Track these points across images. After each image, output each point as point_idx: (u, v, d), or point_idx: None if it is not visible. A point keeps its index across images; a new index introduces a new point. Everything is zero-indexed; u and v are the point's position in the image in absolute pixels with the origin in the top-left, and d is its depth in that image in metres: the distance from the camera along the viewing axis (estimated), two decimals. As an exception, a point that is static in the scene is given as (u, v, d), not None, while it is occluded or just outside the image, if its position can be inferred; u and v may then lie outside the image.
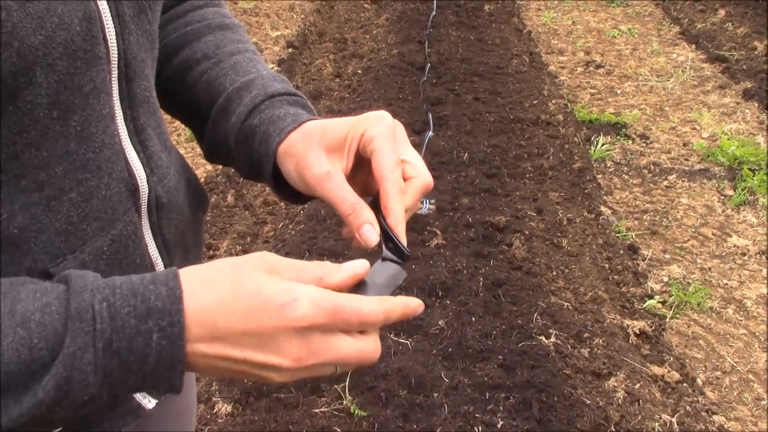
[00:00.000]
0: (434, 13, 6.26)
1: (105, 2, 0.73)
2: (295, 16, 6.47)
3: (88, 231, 0.75)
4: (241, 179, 3.81)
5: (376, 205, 0.80)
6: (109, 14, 0.73)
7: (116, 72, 0.76)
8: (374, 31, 6.02)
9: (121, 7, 0.75)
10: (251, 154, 0.89)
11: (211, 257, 3.33)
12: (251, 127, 0.89)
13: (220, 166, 4.01)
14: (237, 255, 3.40)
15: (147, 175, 0.82)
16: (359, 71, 5.18)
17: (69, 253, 0.74)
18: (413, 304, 0.72)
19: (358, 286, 0.72)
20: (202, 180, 3.92)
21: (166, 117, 1.02)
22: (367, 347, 0.68)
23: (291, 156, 0.84)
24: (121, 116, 0.78)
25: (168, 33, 1.00)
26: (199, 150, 4.22)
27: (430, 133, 4.16)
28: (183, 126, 4.87)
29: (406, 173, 0.81)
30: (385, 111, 0.83)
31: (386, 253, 0.77)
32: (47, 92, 0.68)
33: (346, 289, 0.70)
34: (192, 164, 4.11)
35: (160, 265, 0.87)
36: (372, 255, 0.77)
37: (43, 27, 0.65)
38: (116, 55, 0.75)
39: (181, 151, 4.16)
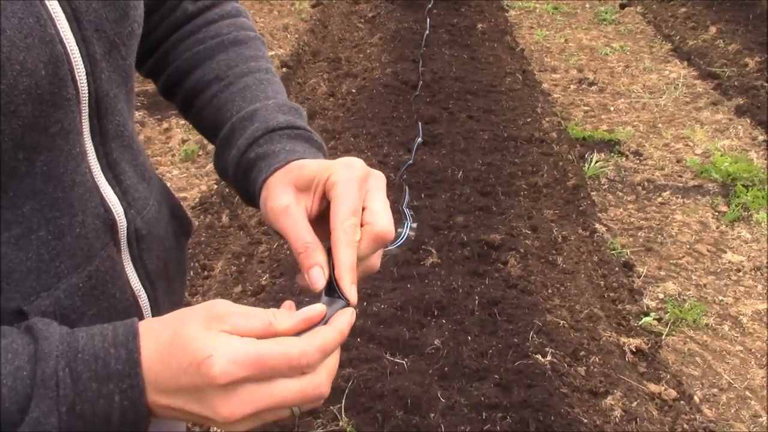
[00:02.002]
0: (427, 32, 6.28)
1: (74, 44, 0.72)
2: (289, 36, 6.50)
3: (62, 268, 0.75)
4: (236, 199, 3.81)
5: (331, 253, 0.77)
6: (79, 55, 0.73)
7: (87, 110, 0.75)
8: (368, 51, 6.04)
9: (92, 47, 0.74)
10: (247, 187, 0.90)
11: (206, 278, 3.32)
12: (248, 161, 0.89)
13: (215, 186, 4.01)
14: (232, 275, 3.37)
15: (124, 209, 0.82)
16: (353, 90, 5.20)
17: (42, 291, 0.74)
18: (345, 323, 0.71)
19: None
20: (197, 200, 3.92)
21: (158, 140, 1.02)
22: (308, 386, 0.67)
23: (266, 190, 0.84)
24: (94, 153, 0.78)
25: (181, 52, 0.99)
26: (194, 170, 4.23)
27: (419, 140, 4.18)
28: (177, 147, 4.82)
29: (363, 220, 0.78)
30: (358, 158, 0.80)
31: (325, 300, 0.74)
32: (11, 137, 0.67)
33: (297, 334, 0.68)
34: (186, 184, 4.11)
35: (143, 296, 0.86)
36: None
37: (4, 76, 0.64)
38: (86, 94, 0.74)
39: (176, 172, 4.15)
